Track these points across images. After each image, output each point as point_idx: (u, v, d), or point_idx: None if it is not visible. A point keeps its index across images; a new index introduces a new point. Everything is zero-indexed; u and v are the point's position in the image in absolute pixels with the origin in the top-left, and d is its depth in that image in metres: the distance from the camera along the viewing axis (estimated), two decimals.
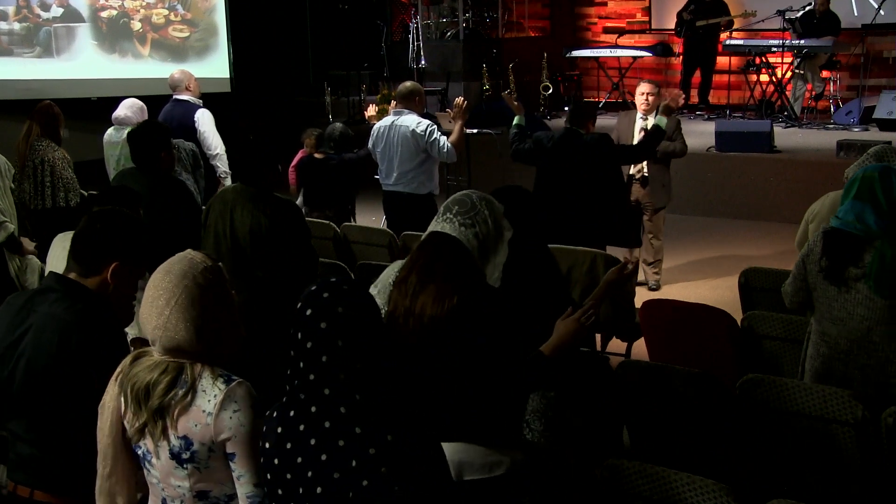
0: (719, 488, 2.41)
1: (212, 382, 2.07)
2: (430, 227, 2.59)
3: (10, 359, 2.41)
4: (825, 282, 3.23)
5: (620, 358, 4.20)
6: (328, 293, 1.93)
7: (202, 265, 2.11)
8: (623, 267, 3.21)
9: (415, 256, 2.53)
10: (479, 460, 2.45)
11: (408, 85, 6.05)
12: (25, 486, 2.42)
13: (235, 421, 2.05)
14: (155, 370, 2.08)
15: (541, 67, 11.33)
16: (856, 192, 3.19)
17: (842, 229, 3.18)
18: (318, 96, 11.96)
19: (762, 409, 3.19)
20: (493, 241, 2.56)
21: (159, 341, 2.09)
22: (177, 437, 2.06)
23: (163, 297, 2.07)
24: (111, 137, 6.29)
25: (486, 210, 2.57)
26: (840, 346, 3.24)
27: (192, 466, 2.08)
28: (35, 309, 2.43)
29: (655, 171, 6.38)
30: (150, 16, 11.04)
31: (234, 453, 2.07)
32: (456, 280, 2.43)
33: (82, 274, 2.46)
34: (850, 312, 3.18)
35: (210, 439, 2.06)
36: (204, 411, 2.05)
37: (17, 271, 5.35)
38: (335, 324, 1.89)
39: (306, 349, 1.91)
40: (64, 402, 2.36)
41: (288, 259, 4.01)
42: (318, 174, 6.44)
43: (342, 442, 1.87)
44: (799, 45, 10.22)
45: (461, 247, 2.50)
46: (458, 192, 2.69)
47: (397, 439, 1.86)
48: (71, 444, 2.40)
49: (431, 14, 12.88)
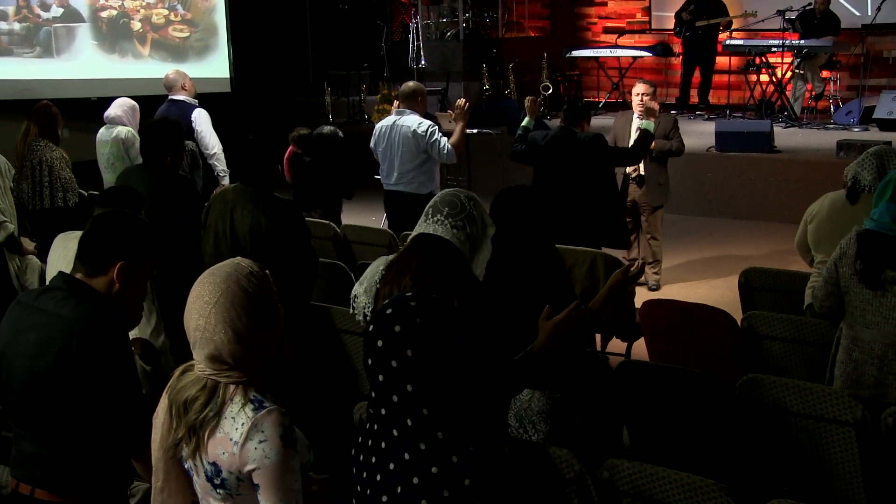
0: (719, 488, 2.41)
1: (240, 408, 2.00)
2: (419, 228, 2.59)
3: (16, 356, 2.42)
4: (860, 285, 3.16)
5: (620, 358, 4.20)
6: (400, 326, 1.80)
7: (248, 270, 2.06)
8: (628, 269, 3.18)
9: (407, 258, 2.50)
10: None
11: (410, 85, 6.06)
12: (27, 483, 2.42)
13: (260, 452, 1.97)
14: (195, 385, 2.05)
15: (541, 67, 11.33)
16: (891, 195, 3.13)
17: (877, 231, 3.12)
18: (318, 96, 11.96)
19: (762, 409, 3.18)
20: (480, 239, 2.59)
21: (199, 344, 2.04)
22: (208, 461, 2.03)
23: (205, 296, 2.02)
24: (102, 136, 6.29)
25: (475, 210, 2.59)
26: (874, 350, 3.18)
27: (223, 492, 2.04)
28: (41, 308, 2.43)
29: (652, 171, 6.37)
30: (150, 16, 11.04)
31: (258, 485, 1.99)
32: (453, 283, 2.42)
33: (88, 275, 2.46)
34: (885, 316, 3.12)
35: (237, 469, 2.00)
36: (231, 439, 1.99)
37: (17, 271, 5.35)
38: (405, 366, 1.79)
39: (378, 381, 1.83)
40: (66, 402, 2.36)
41: (288, 259, 4.01)
42: (306, 173, 6.45)
43: (407, 455, 1.81)
44: (799, 45, 10.22)
45: (455, 249, 2.49)
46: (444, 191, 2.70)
47: (463, 461, 1.79)
48: (72, 444, 2.39)
49: (431, 14, 12.87)
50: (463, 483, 1.78)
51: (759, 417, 3.21)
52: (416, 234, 2.59)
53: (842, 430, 3.02)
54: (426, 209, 2.63)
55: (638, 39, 12.94)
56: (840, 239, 3.38)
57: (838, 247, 3.30)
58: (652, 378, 3.36)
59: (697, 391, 3.25)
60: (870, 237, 3.14)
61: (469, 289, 2.45)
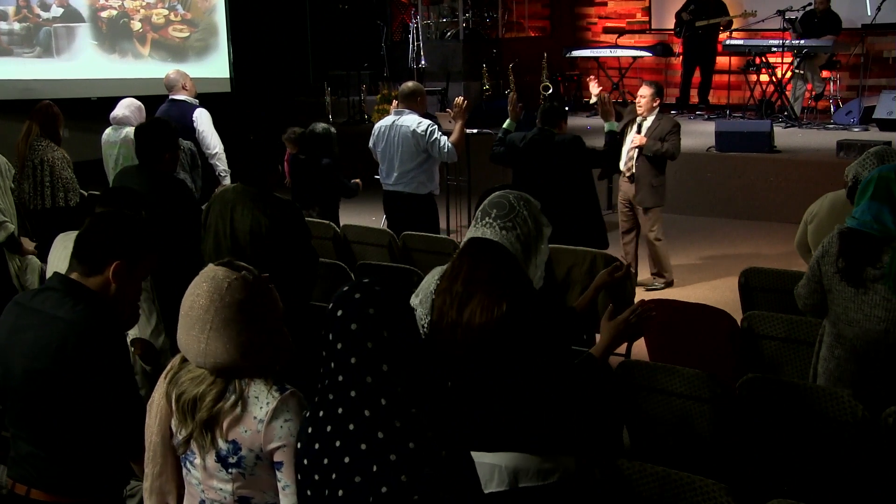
0: (719, 488, 2.41)
1: (266, 390, 2.05)
2: (470, 234, 2.51)
3: (12, 357, 2.42)
4: (842, 283, 3.17)
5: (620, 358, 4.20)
6: (360, 294, 1.92)
7: (226, 282, 2.05)
8: (614, 270, 3.17)
9: (457, 264, 2.46)
10: (534, 467, 2.38)
11: (410, 85, 6.06)
12: (23, 483, 2.42)
13: (286, 430, 2.03)
14: (202, 382, 2.07)
15: (541, 67, 11.33)
16: (872, 193, 3.13)
17: (859, 229, 3.13)
18: (318, 96, 11.96)
19: (762, 409, 3.18)
20: (535, 240, 2.49)
21: (205, 366, 2.07)
22: (225, 441, 2.05)
23: (196, 325, 2.04)
24: (109, 137, 6.28)
25: (525, 210, 2.49)
26: (857, 347, 3.20)
27: (236, 471, 2.07)
28: (37, 308, 2.43)
29: (643, 171, 6.35)
30: (150, 16, 11.04)
31: (281, 462, 2.05)
32: (503, 287, 2.36)
33: (84, 274, 2.45)
34: (867, 314, 3.14)
35: (259, 446, 2.04)
36: (255, 418, 2.03)
37: (16, 271, 5.35)
38: (365, 326, 1.88)
39: (336, 350, 1.90)
40: (62, 403, 2.36)
41: (288, 259, 4.01)
42: (303, 172, 6.46)
43: (364, 446, 1.85)
44: (799, 45, 10.22)
45: (505, 252, 2.43)
46: (493, 194, 2.57)
47: (420, 448, 1.83)
48: (68, 445, 2.40)
49: (431, 14, 12.88)
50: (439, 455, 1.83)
51: (758, 417, 3.21)
52: (467, 239, 2.53)
53: (841, 430, 3.02)
54: (476, 214, 2.56)
55: (638, 39, 12.94)
56: None
57: (821, 245, 3.32)
58: (652, 378, 3.36)
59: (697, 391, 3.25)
60: (851, 235, 3.16)
61: (521, 291, 2.38)
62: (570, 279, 4.53)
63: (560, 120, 5.56)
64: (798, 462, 3.19)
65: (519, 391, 2.34)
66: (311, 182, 6.39)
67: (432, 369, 2.16)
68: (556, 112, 5.60)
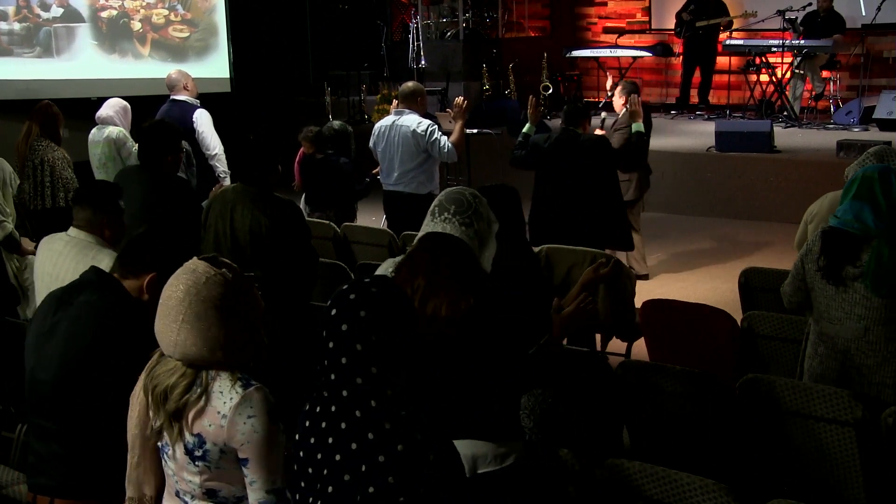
0: (719, 488, 2.41)
1: (230, 386, 2.06)
2: (427, 228, 2.59)
3: (44, 349, 2.47)
4: (823, 281, 3.23)
5: (620, 358, 4.20)
6: (355, 295, 1.92)
7: (205, 276, 2.07)
8: (598, 267, 3.21)
9: (417, 258, 2.51)
10: (491, 453, 2.47)
11: (410, 85, 6.06)
12: (45, 494, 2.44)
13: (249, 427, 2.04)
14: (174, 374, 2.08)
15: (541, 67, 11.33)
16: (855, 192, 3.19)
17: (840, 228, 3.18)
18: (318, 96, 11.95)
19: (762, 409, 3.19)
20: (487, 235, 2.60)
21: (175, 356, 2.10)
22: (191, 434, 2.07)
23: (171, 314, 2.06)
24: (94, 137, 6.25)
25: (481, 207, 2.60)
26: (838, 345, 3.24)
27: (202, 464, 2.08)
28: (71, 301, 2.51)
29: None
30: (150, 16, 11.03)
31: (246, 458, 2.06)
32: (466, 281, 2.42)
33: (122, 275, 2.56)
34: (847, 312, 3.18)
35: (223, 441, 2.05)
36: (219, 413, 2.05)
37: (15, 271, 5.36)
38: (355, 328, 1.89)
39: (329, 348, 1.91)
40: (95, 392, 2.40)
41: (288, 259, 4.01)
42: (318, 174, 6.41)
43: (355, 445, 1.86)
44: (799, 45, 10.22)
45: (466, 247, 2.51)
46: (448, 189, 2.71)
47: (409, 450, 1.84)
48: (97, 440, 2.42)
49: (431, 14, 12.88)
50: (428, 458, 1.84)
51: (758, 417, 3.21)
52: (424, 233, 2.58)
53: (842, 430, 3.03)
54: (431, 208, 2.63)
55: (638, 39, 12.93)
56: None
57: (805, 244, 3.37)
58: (652, 378, 3.36)
59: (697, 391, 3.26)
60: (833, 234, 3.20)
61: (481, 285, 2.45)
62: (570, 279, 4.53)
63: (583, 120, 5.58)
64: (798, 462, 3.19)
65: (478, 381, 2.42)
66: (327, 182, 6.33)
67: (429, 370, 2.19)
68: (580, 112, 5.61)
